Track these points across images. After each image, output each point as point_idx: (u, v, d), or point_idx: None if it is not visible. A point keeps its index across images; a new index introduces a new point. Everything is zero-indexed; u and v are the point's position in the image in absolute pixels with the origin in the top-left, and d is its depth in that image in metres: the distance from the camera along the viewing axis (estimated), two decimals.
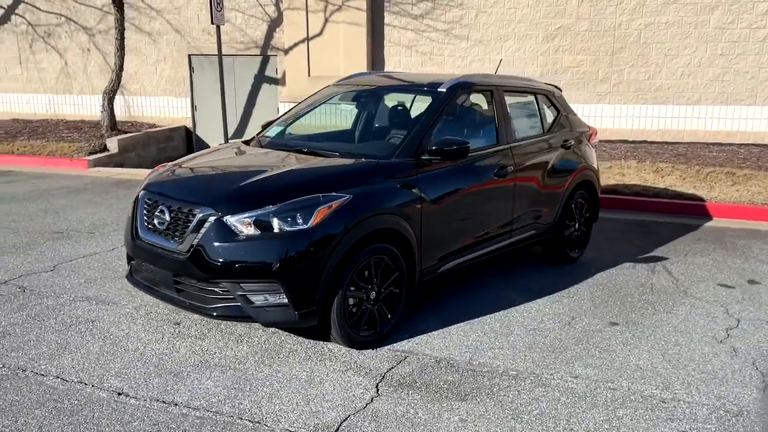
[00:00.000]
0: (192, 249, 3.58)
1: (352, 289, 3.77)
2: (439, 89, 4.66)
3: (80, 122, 14.24)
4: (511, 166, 4.87)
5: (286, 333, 4.05)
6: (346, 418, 3.12)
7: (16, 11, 14.86)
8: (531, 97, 5.52)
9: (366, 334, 3.90)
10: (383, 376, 3.56)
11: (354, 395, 3.35)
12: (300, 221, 3.54)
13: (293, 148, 4.53)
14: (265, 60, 13.49)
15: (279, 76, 13.32)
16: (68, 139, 12.35)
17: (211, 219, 3.57)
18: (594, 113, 11.99)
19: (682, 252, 6.13)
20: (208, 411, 3.15)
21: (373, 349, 3.90)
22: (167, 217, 3.77)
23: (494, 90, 5.00)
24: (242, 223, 3.52)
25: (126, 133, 12.53)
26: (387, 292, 4.00)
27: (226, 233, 3.53)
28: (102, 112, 12.52)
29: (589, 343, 4.08)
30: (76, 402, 3.21)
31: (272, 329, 4.08)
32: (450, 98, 4.64)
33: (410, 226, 4.04)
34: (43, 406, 3.17)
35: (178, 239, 3.68)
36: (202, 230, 3.57)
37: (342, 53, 12.56)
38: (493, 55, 12.24)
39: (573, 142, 5.69)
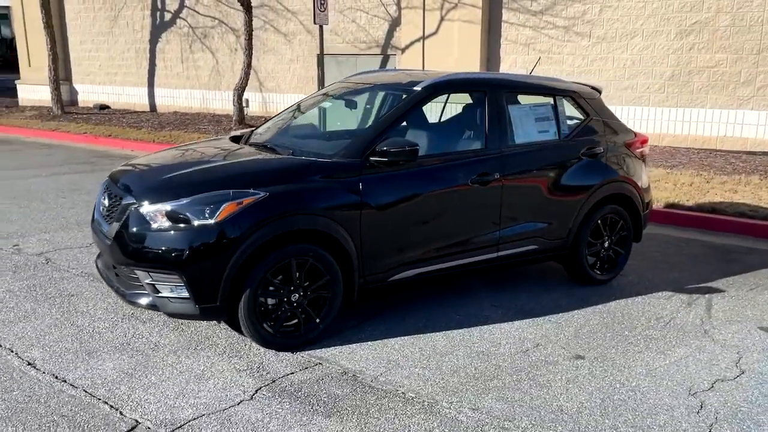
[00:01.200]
0: (115, 234, 3.75)
1: (270, 289, 3.71)
2: (414, 88, 4.40)
3: (223, 116, 15.47)
4: (497, 172, 4.45)
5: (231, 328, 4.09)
6: (198, 417, 3.08)
7: (180, 15, 16.52)
8: (546, 99, 4.99)
9: (285, 336, 3.81)
10: (273, 381, 3.45)
11: (226, 395, 3.29)
12: (207, 215, 3.55)
13: (262, 144, 4.54)
14: (385, 60, 13.65)
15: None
16: (203, 130, 13.49)
17: (132, 207, 3.72)
18: (733, 120, 10.57)
19: (749, 286, 5.18)
20: (85, 391, 3.29)
21: (292, 353, 3.80)
22: (107, 203, 4.00)
23: (488, 90, 4.61)
24: (156, 213, 3.62)
25: (251, 126, 13.39)
26: (314, 295, 3.87)
27: (142, 222, 3.65)
28: (233, 106, 13.53)
29: (528, 375, 3.62)
30: None
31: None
32: (424, 98, 4.36)
33: (345, 230, 3.87)
34: None
35: (109, 224, 3.88)
36: (124, 217, 3.73)
37: (456, 52, 12.32)
38: (617, 53, 11.27)
39: (603, 151, 5.05)
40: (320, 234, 3.80)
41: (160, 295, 3.62)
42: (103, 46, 18.13)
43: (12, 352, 3.72)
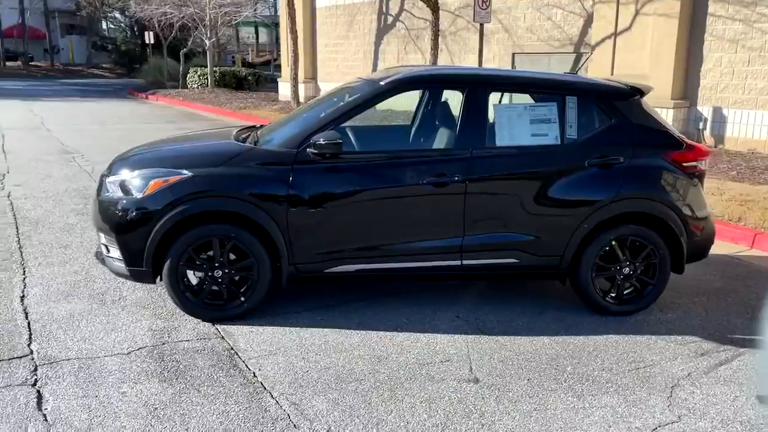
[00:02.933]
0: (95, 202, 4.44)
1: (193, 262, 4.05)
2: (381, 82, 4.32)
3: None
4: (458, 175, 4.14)
5: None
6: (71, 359, 3.54)
7: (399, 18, 17.51)
8: (553, 98, 4.43)
9: (206, 307, 4.12)
10: (163, 344, 3.76)
11: (111, 347, 3.70)
12: (139, 189, 4.02)
13: (248, 138, 4.78)
14: (577, 58, 12.85)
15: (587, 75, 12.52)
16: None
17: (104, 178, 4.35)
18: None
19: None
20: (29, 321, 4.03)
21: (212, 323, 4.07)
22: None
23: (467, 87, 4.29)
24: (113, 184, 4.19)
25: None
26: (241, 275, 4.11)
27: (105, 191, 4.23)
28: None
29: (398, 387, 3.39)
30: None
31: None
32: (386, 93, 4.26)
33: (272, 217, 4.02)
34: None
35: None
36: (98, 186, 4.39)
37: (648, 50, 11.10)
38: None
39: (622, 161, 4.33)
40: (244, 217, 4.02)
41: (108, 254, 4.20)
42: (340, 49, 20.01)
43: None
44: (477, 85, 4.29)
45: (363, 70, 18.96)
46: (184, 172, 4.00)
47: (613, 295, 4.46)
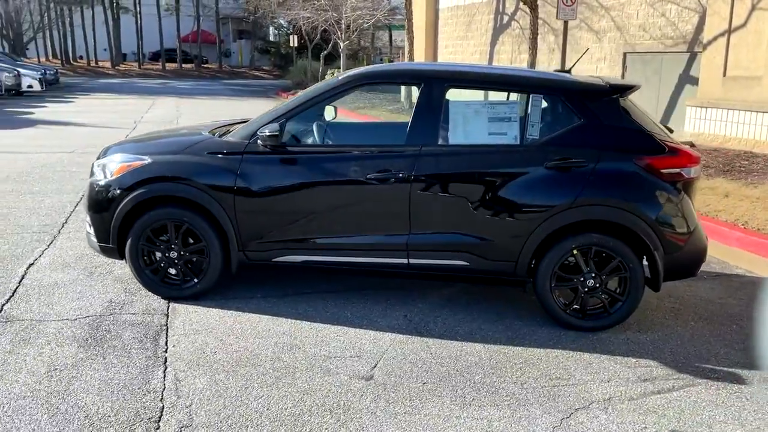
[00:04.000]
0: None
1: (150, 243, 4.36)
2: (340, 78, 4.36)
3: None
4: (404, 171, 4.08)
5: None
6: (26, 321, 3.99)
7: (515, 17, 17.08)
8: (517, 96, 4.20)
9: (164, 284, 4.41)
10: (111, 314, 4.10)
11: (65, 314, 4.11)
12: (110, 172, 4.41)
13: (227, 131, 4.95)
14: (691, 57, 11.80)
15: (698, 76, 11.48)
16: None
17: (93, 163, 4.79)
18: None
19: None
20: (22, 281, 4.57)
21: (166, 300, 4.36)
22: None
23: (424, 83, 4.19)
24: (97, 168, 4.61)
25: None
26: (196, 257, 4.36)
27: (91, 174, 4.67)
28: None
29: (280, 373, 3.45)
30: None
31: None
32: (339, 88, 4.29)
33: (221, 204, 4.22)
34: None
35: None
36: (91, 171, 4.84)
37: (764, 49, 9.95)
38: None
39: (586, 163, 4.00)
40: (196, 203, 4.26)
41: (89, 231, 4.64)
42: (458, 50, 19.93)
43: None
44: (431, 81, 4.19)
45: None
46: (145, 158, 4.32)
47: (576, 308, 4.14)
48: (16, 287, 4.53)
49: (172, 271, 4.41)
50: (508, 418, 3.12)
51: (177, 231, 4.31)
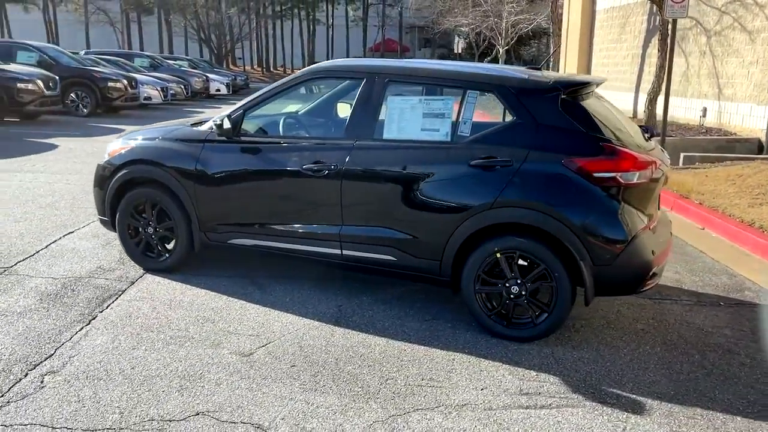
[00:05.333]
0: None
1: (133, 218, 4.88)
2: (299, 73, 4.56)
3: (684, 125, 14.26)
4: (335, 164, 4.17)
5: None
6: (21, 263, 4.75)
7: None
8: (454, 92, 4.07)
9: (144, 257, 4.93)
10: (89, 278, 4.69)
11: (52, 276, 4.80)
12: (107, 154, 5.01)
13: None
14: None
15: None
16: None
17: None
18: None
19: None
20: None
21: (145, 270, 4.86)
22: None
23: (366, 78, 4.23)
24: (106, 151, 5.27)
25: (669, 136, 12.15)
26: (163, 233, 4.83)
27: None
28: (644, 112, 12.60)
29: (168, 337, 3.75)
30: None
31: None
32: (293, 81, 4.48)
33: (183, 186, 4.62)
34: None
35: None
36: None
37: None
38: None
39: (511, 163, 3.78)
40: (165, 185, 4.71)
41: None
42: (611, 53, 18.81)
43: None
44: (372, 77, 4.23)
45: (629, 75, 17.56)
46: (133, 143, 4.87)
47: (502, 314, 3.94)
48: (40, 249, 5.32)
49: (151, 245, 4.90)
50: (337, 406, 3.11)
51: (152, 209, 4.79)
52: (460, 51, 31.44)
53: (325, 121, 4.88)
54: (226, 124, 4.37)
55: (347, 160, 4.13)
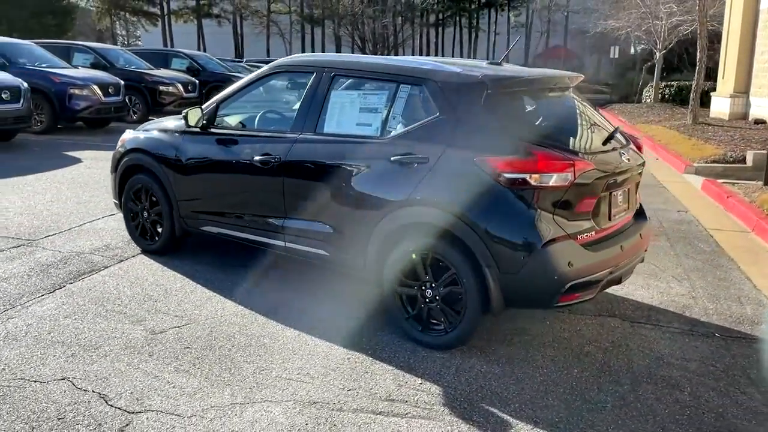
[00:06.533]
0: None
1: (132, 202, 5.27)
2: (263, 69, 4.66)
3: None
4: (278, 156, 4.21)
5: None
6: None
7: None
8: (388, 86, 3.92)
9: (140, 239, 5.31)
10: (79, 255, 5.19)
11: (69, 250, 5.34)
12: (120, 142, 5.44)
13: None
14: None
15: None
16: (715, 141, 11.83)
17: None
18: None
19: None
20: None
21: (141, 251, 5.28)
22: None
23: (315, 73, 4.22)
24: None
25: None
26: (154, 218, 5.16)
27: None
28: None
29: (107, 311, 4.02)
30: None
31: None
32: (259, 76, 4.58)
33: (165, 174, 4.91)
34: None
35: None
36: None
37: None
38: None
39: (432, 161, 3.56)
40: (153, 172, 5.04)
41: None
42: None
43: None
44: (320, 71, 4.22)
45: None
46: (137, 133, 5.27)
47: (420, 318, 3.75)
48: (73, 227, 5.94)
49: (145, 228, 5.27)
50: (190, 389, 3.18)
51: (146, 195, 5.16)
52: (616, 56, 29.56)
53: (282, 115, 4.92)
54: (192, 116, 4.58)
55: (289, 153, 4.15)
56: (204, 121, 4.67)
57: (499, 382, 3.34)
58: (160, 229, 5.16)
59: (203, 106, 4.73)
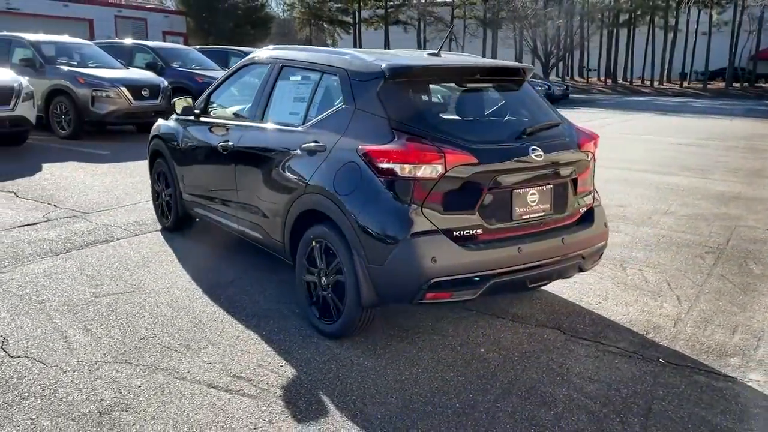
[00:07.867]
0: None
1: (155, 184, 5.80)
2: (238, 63, 4.91)
3: None
4: (232, 142, 4.43)
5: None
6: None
7: None
8: (315, 76, 3.96)
9: (161, 218, 5.83)
10: (83, 236, 5.83)
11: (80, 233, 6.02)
12: (152, 131, 6.02)
13: None
14: None
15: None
16: None
17: None
18: None
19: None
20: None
21: (150, 230, 5.81)
22: None
23: (272, 64, 4.38)
24: None
25: None
26: (167, 199, 5.65)
27: None
28: None
29: (83, 286, 4.53)
30: None
31: None
32: (238, 67, 4.85)
33: (172, 158, 5.37)
34: None
35: None
36: None
37: None
38: None
39: (329, 149, 3.56)
40: (164, 156, 5.53)
41: None
42: None
43: None
44: (273, 63, 4.40)
45: None
46: (163, 120, 5.81)
47: (318, 305, 3.77)
48: (126, 205, 6.66)
49: (162, 208, 5.80)
50: (78, 344, 3.50)
51: (163, 177, 5.68)
52: None
53: (249, 104, 5.13)
54: (179, 105, 4.97)
55: (239, 140, 4.36)
56: (196, 111, 5.01)
57: (359, 375, 3.24)
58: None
59: (204, 95, 5.09)
